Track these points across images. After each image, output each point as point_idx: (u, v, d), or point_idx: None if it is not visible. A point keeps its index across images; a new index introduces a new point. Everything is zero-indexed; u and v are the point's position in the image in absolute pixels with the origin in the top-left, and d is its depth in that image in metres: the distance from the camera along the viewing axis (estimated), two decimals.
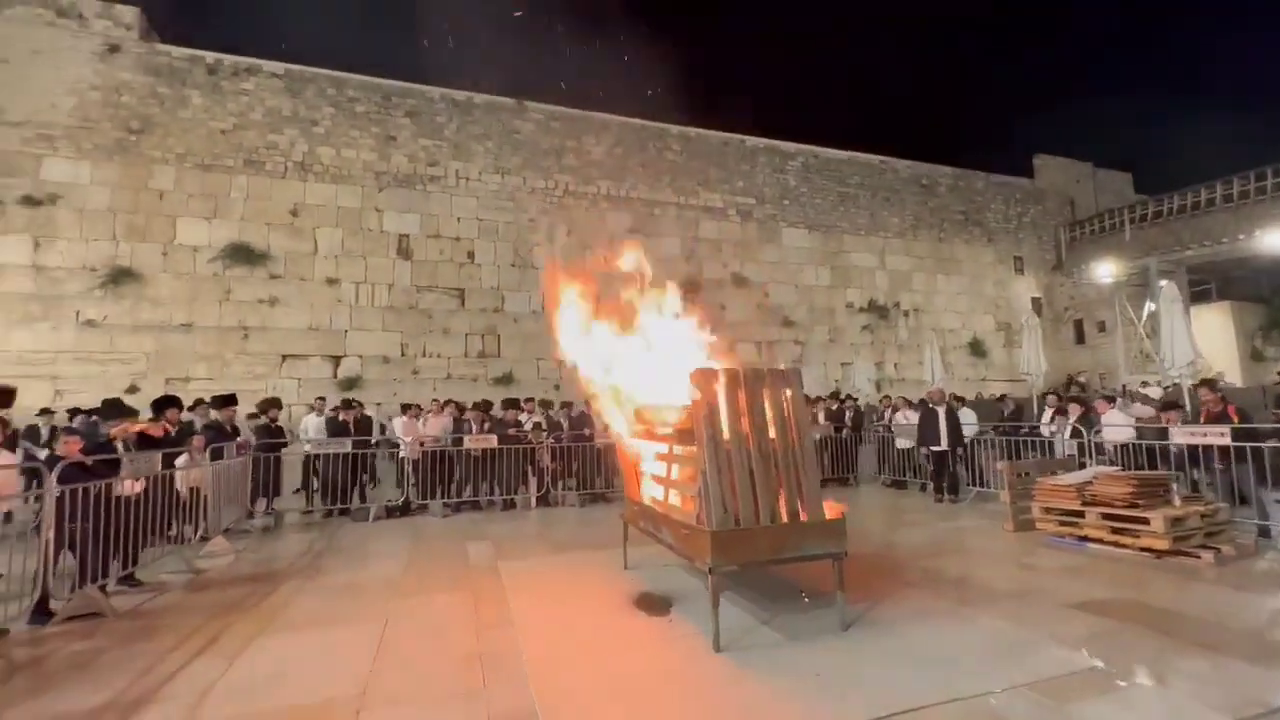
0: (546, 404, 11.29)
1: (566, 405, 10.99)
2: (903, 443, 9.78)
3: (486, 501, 8.32)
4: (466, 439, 8.05)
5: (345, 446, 7.68)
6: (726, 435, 3.93)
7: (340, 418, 8.64)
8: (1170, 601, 4.40)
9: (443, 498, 7.97)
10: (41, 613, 4.21)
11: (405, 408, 9.63)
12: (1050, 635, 3.78)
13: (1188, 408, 8.62)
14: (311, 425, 8.18)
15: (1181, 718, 2.86)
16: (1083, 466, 6.99)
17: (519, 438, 8.40)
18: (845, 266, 19.61)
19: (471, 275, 15.63)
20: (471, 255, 15.69)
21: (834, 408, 11.29)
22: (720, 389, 4.00)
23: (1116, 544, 5.61)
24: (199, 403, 9.02)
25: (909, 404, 10.21)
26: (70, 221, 12.87)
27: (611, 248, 15.34)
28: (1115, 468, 6.51)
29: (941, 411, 8.65)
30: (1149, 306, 18.78)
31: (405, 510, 7.91)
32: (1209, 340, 18.48)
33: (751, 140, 19.14)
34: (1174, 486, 5.78)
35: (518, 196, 16.19)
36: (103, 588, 4.68)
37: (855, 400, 11.85)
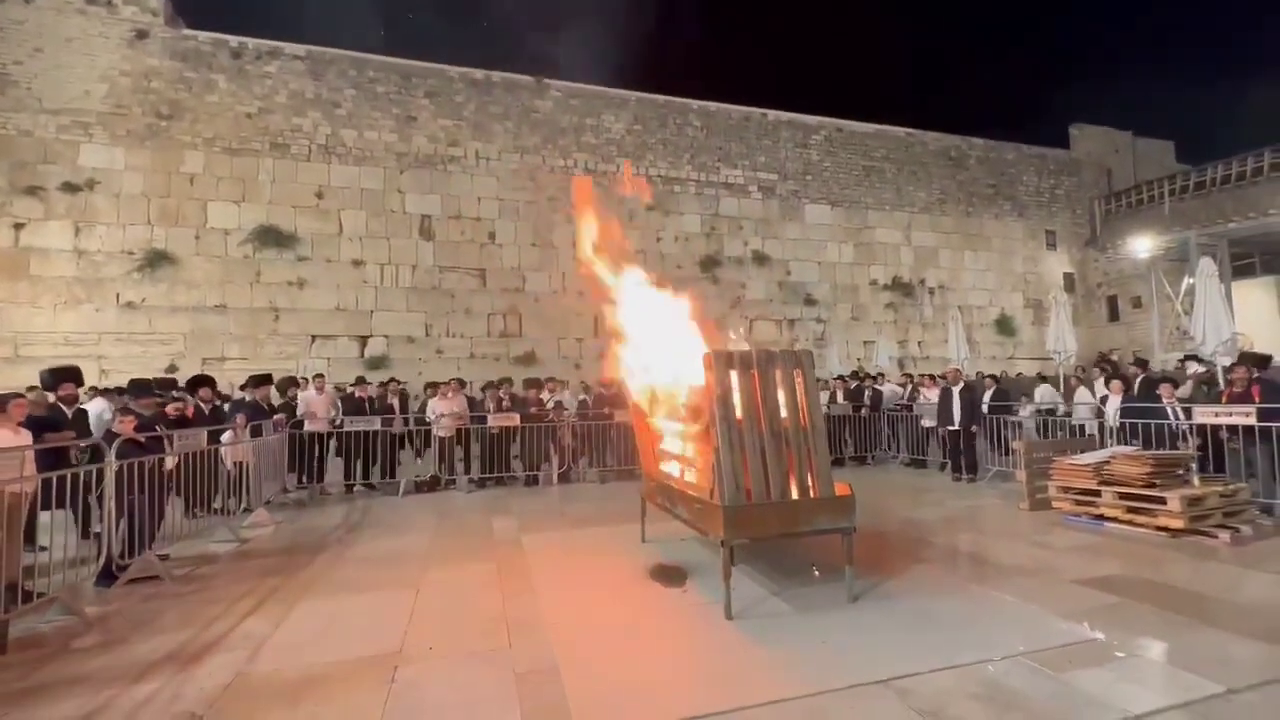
0: (561, 383, 11.47)
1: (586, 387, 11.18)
2: (925, 421, 9.76)
3: (510, 478, 8.58)
4: (490, 417, 8.28)
5: (374, 424, 7.98)
6: (739, 415, 4.03)
7: (357, 395, 8.92)
8: (1180, 579, 4.42)
9: (468, 474, 8.25)
10: (107, 576, 4.56)
11: (431, 386, 9.92)
12: (1055, 609, 3.84)
13: (1220, 385, 8.42)
14: (309, 400, 8.43)
15: (1173, 685, 2.93)
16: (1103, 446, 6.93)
17: (540, 416, 8.61)
18: (869, 243, 19.31)
19: (492, 255, 15.80)
20: (492, 235, 15.84)
21: (854, 386, 11.27)
22: (733, 370, 4.09)
23: (1132, 523, 5.60)
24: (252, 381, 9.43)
25: (932, 382, 10.15)
26: (108, 206, 13.32)
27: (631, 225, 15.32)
28: (1134, 447, 6.45)
29: (956, 391, 8.61)
30: (1187, 282, 18.16)
31: (433, 486, 8.20)
32: (1251, 317, 17.86)
33: (774, 114, 18.81)
34: (1192, 467, 5.73)
35: (538, 176, 16.23)
36: (162, 556, 5.04)
37: (875, 379, 11.78)
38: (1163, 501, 5.39)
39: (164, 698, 2.96)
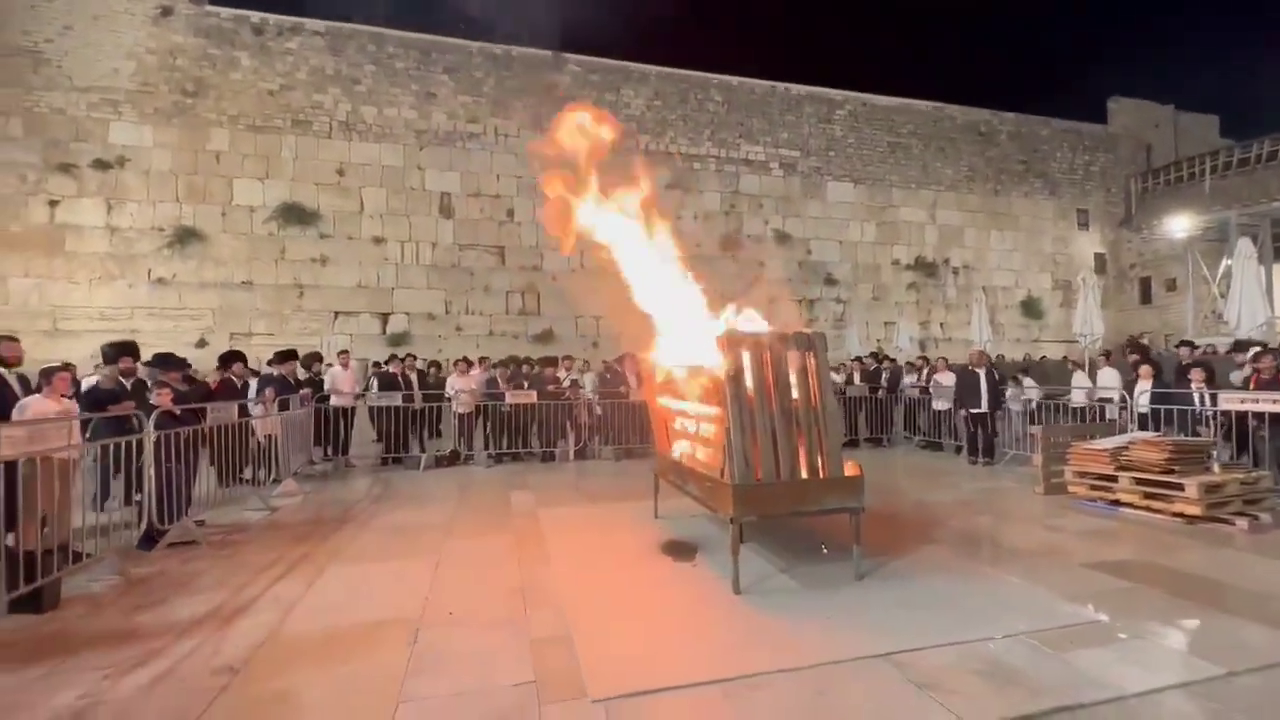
0: (578, 361, 11.55)
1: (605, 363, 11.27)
2: (940, 404, 9.70)
3: (527, 454, 8.77)
4: (507, 394, 8.44)
5: (395, 400, 8.19)
6: (751, 395, 4.08)
7: (390, 370, 9.14)
8: (1192, 565, 4.41)
9: (487, 449, 8.45)
10: (148, 540, 4.81)
11: (463, 361, 10.11)
12: (1061, 592, 3.88)
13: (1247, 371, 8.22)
14: (335, 376, 8.64)
15: (1174, 667, 2.97)
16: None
17: (557, 394, 8.75)
18: (893, 222, 18.96)
19: (511, 233, 15.86)
20: (511, 213, 15.88)
21: (872, 368, 11.20)
22: (745, 351, 4.14)
23: (1148, 509, 5.57)
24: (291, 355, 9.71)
25: (948, 365, 10.06)
26: (138, 184, 13.62)
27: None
28: (1153, 433, 6.37)
29: (982, 373, 8.53)
30: (1225, 263, 17.56)
31: (454, 460, 8.42)
32: None
33: (796, 88, 18.41)
34: (1214, 454, 5.65)
35: None
36: (198, 523, 5.31)
37: (893, 360, 11.69)
38: (1180, 488, 5.34)
39: (205, 652, 3.17)
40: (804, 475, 4.06)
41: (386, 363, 10.77)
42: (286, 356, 7.73)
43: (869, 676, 2.92)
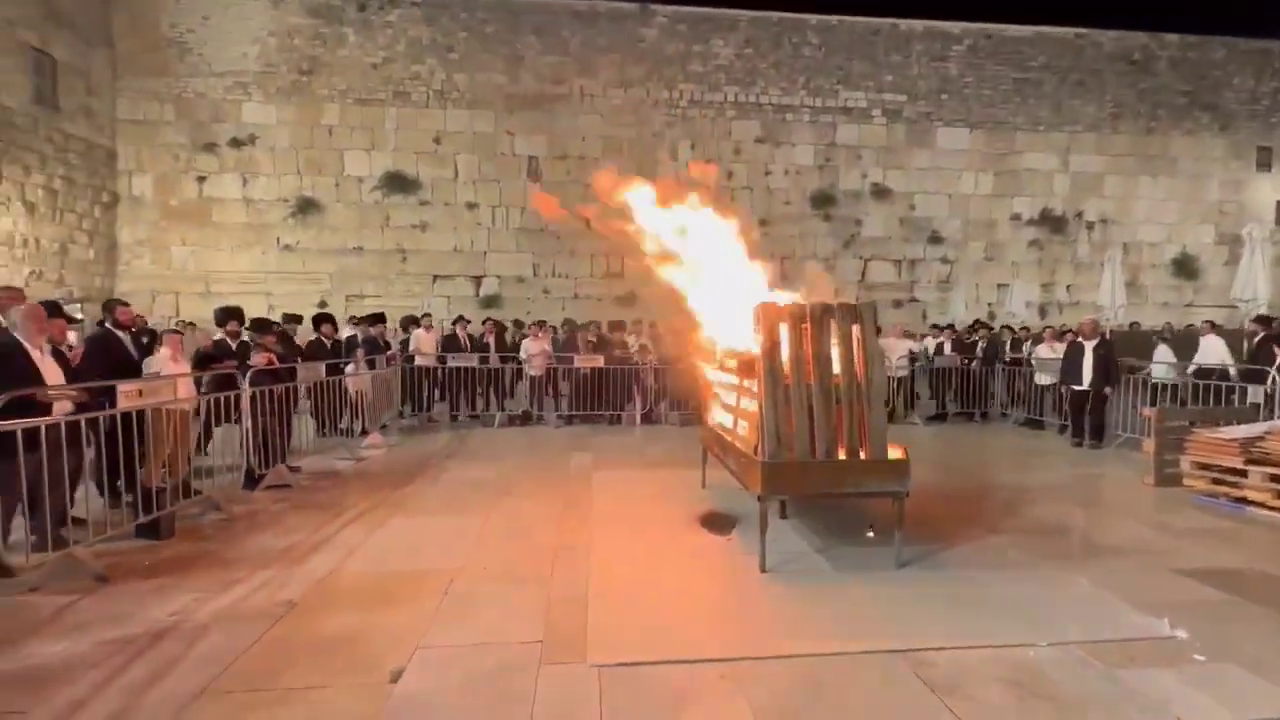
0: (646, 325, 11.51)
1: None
2: (1042, 378, 8.75)
3: (596, 416, 9.03)
4: (576, 358, 8.67)
5: (471, 361, 8.70)
6: (787, 370, 3.91)
7: (459, 333, 9.66)
8: None
9: (557, 410, 8.80)
10: (250, 481, 5.55)
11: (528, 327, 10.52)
12: (1136, 599, 3.44)
13: None
14: (419, 338, 9.23)
15: (1251, 701, 2.56)
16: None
17: (625, 358, 8.86)
18: (1014, 170, 16.92)
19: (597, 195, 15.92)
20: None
21: (968, 339, 10.27)
22: (783, 323, 3.94)
23: None
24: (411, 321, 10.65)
25: (1057, 336, 9.00)
26: (265, 159, 15.09)
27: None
28: None
29: (1090, 346, 7.57)
30: None
31: (526, 420, 8.85)
32: None
33: (906, 24, 16.65)
34: None
35: (641, 110, 15.89)
36: (293, 468, 6.03)
37: (991, 328, 10.63)
38: None
39: (273, 585, 3.64)
40: (842, 455, 3.86)
41: (454, 323, 11.39)
42: (376, 319, 8.40)
43: (879, 672, 2.79)
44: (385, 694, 2.57)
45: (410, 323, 9.96)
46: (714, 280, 4.96)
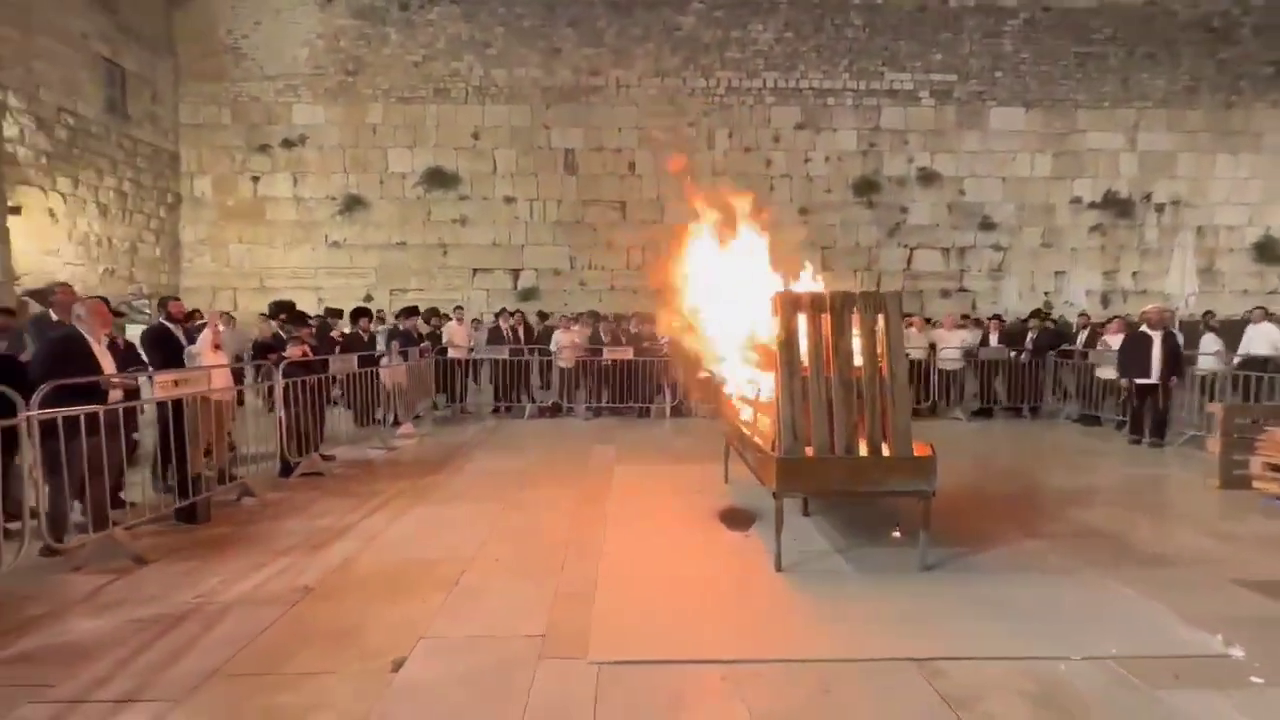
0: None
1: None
2: (1104, 372, 8.21)
3: (625, 408, 9.00)
4: (604, 350, 8.66)
5: (503, 353, 8.80)
6: (805, 363, 3.77)
7: (494, 325, 9.77)
8: None
9: (586, 402, 8.82)
10: (286, 469, 5.77)
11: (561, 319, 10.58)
12: (1188, 612, 3.17)
13: None
14: (451, 330, 9.37)
15: None
16: None
17: (654, 351, 8.79)
18: (1075, 151, 15.90)
19: (632, 187, 15.85)
20: (632, 166, 15.83)
21: (1018, 328, 9.72)
22: (801, 314, 3.80)
23: None
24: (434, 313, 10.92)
25: (1125, 326, 8.42)
26: (314, 158, 15.65)
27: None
28: None
29: (1158, 337, 7.03)
30: None
31: (555, 412, 8.91)
32: None
33: (957, 0, 15.83)
34: None
35: (677, 99, 15.68)
36: (327, 457, 6.24)
37: (1050, 317, 10.04)
38: None
39: (295, 569, 3.76)
40: (863, 452, 3.70)
41: (497, 315, 11.57)
42: (410, 313, 8.60)
43: (890, 680, 2.66)
44: (385, 682, 2.61)
45: (433, 315, 10.14)
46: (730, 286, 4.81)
